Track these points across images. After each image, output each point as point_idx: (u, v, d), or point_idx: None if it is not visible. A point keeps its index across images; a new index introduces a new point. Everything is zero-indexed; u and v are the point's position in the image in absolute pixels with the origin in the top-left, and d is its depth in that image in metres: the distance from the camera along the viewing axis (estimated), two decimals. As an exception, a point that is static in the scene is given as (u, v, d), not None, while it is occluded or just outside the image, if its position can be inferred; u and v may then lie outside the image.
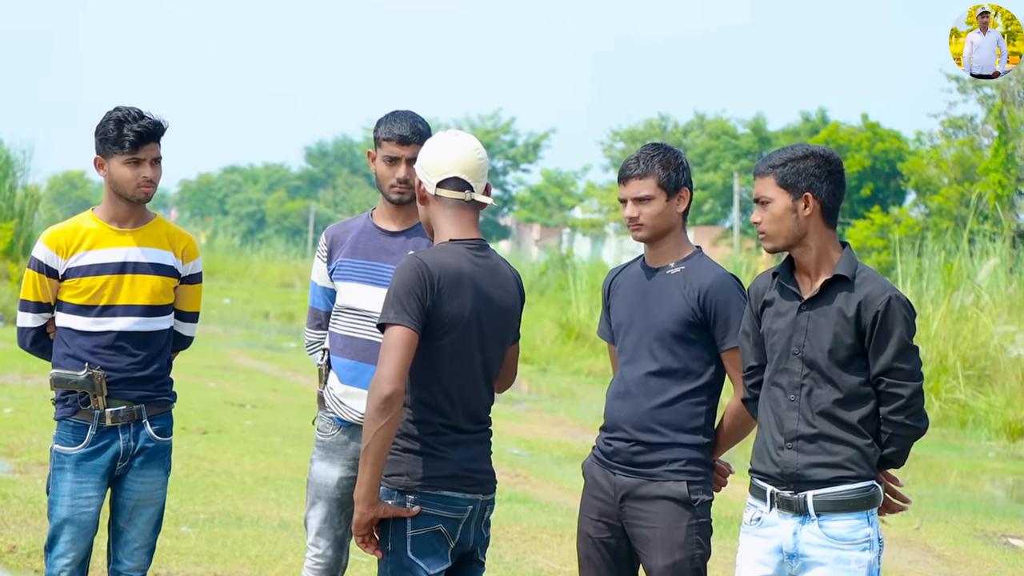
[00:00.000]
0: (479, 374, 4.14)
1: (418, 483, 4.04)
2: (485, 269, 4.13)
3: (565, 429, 14.54)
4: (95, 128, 5.02)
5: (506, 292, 4.19)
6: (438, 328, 4.02)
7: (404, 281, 4.00)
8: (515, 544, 8.23)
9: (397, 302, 3.98)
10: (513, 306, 4.23)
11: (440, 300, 4.01)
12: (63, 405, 5.04)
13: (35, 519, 7.96)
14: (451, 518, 4.07)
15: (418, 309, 3.97)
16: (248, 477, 9.92)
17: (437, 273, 4.01)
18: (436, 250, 4.10)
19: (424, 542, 4.05)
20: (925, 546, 9.10)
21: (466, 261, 4.09)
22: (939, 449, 14.14)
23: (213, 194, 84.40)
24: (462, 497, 4.09)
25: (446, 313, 4.02)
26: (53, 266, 5.02)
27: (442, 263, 4.04)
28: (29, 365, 15.24)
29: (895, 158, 36.83)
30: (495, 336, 4.16)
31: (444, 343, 4.04)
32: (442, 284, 4.01)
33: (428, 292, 3.99)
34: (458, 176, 4.14)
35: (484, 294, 4.11)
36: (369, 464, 3.95)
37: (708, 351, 4.53)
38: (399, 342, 3.94)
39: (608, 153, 54.02)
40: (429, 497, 4.04)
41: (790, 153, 4.22)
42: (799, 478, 4.15)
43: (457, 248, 4.11)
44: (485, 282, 4.12)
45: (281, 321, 31.59)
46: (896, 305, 4.08)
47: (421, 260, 4.03)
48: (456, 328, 4.04)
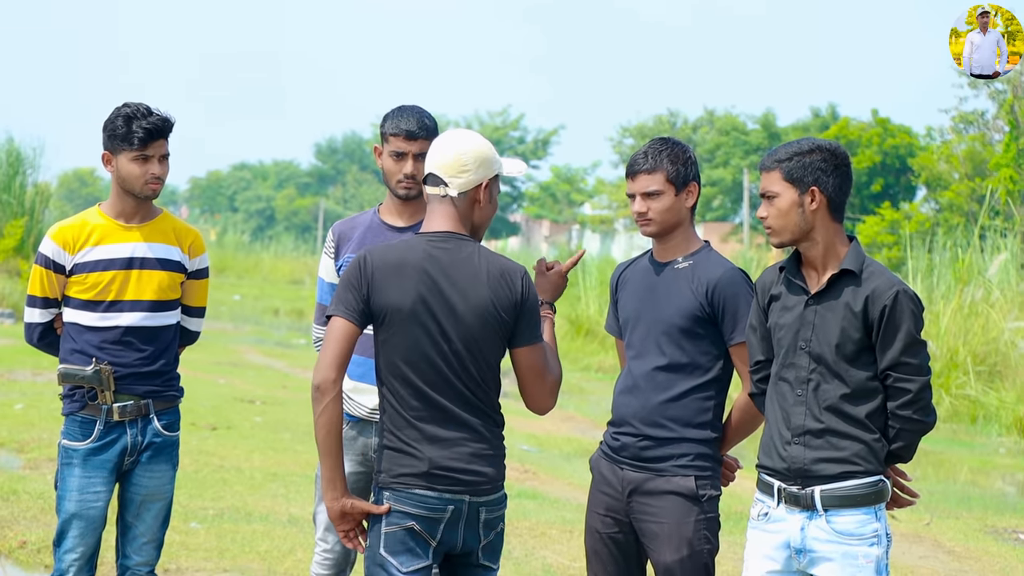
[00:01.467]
0: (451, 371, 4.04)
1: (392, 480, 4.04)
2: (443, 261, 4.07)
3: (574, 425, 14.54)
4: (103, 124, 5.03)
5: (474, 286, 4.05)
6: (380, 317, 4.05)
7: (345, 274, 4.11)
8: (524, 540, 8.23)
9: (337, 294, 4.09)
10: (483, 301, 4.05)
11: (374, 289, 4.04)
12: (70, 400, 5.05)
13: (45, 515, 7.98)
14: (427, 517, 4.02)
15: (353, 299, 4.04)
16: (257, 473, 9.93)
17: (374, 263, 4.06)
18: (389, 243, 4.17)
19: (396, 540, 4.02)
20: (935, 542, 9.08)
21: (417, 252, 4.07)
22: (950, 445, 14.11)
23: (223, 191, 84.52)
24: (437, 496, 4.02)
25: (384, 302, 4.04)
26: (60, 262, 5.03)
27: (383, 254, 4.09)
28: (39, 361, 15.26)
29: (905, 154, 36.75)
30: (463, 331, 4.03)
31: (393, 334, 4.04)
32: (376, 274, 4.05)
33: (363, 282, 4.05)
34: (433, 172, 4.16)
35: (435, 284, 4.04)
36: (321, 455, 4.03)
37: (716, 346, 4.52)
38: (332, 332, 4.04)
39: (617, 149, 54.01)
40: (401, 494, 4.03)
41: (796, 147, 4.21)
42: (806, 473, 4.14)
43: (415, 240, 4.12)
44: (437, 272, 4.05)
45: (291, 318, 31.61)
46: (904, 299, 4.07)
47: (364, 253, 4.11)
48: (398, 317, 4.03)
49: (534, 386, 4.17)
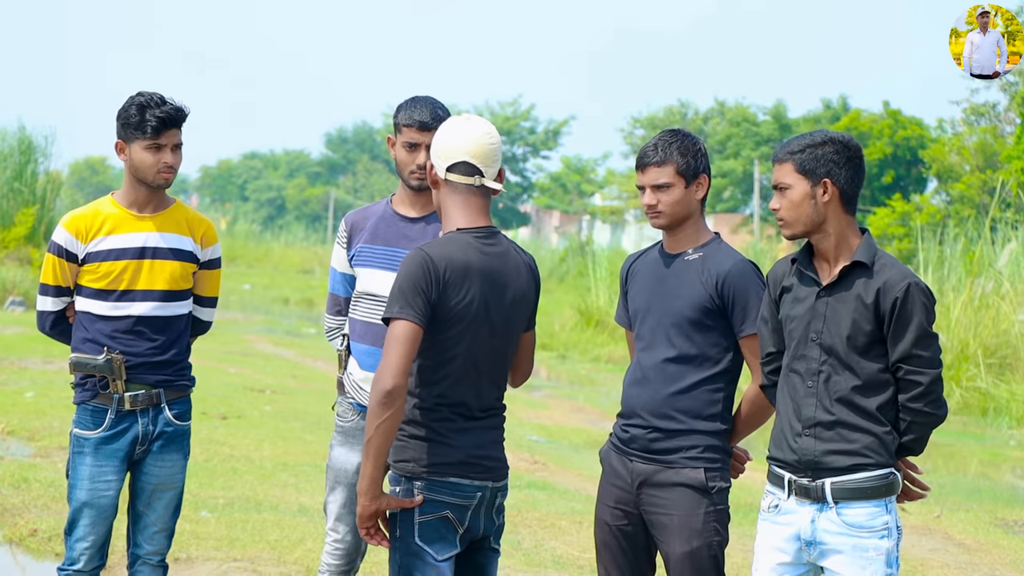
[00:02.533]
0: (490, 362, 4.12)
1: (425, 469, 4.04)
2: (493, 257, 4.11)
3: (584, 416, 14.54)
4: (117, 112, 5.03)
5: (517, 280, 4.16)
6: (445, 320, 4.02)
7: (409, 275, 3.99)
8: (534, 531, 8.24)
9: (402, 296, 3.97)
10: (524, 294, 4.19)
11: (446, 293, 4.00)
12: (82, 389, 5.06)
13: (56, 503, 8.00)
14: (459, 504, 4.07)
15: (423, 304, 3.97)
16: (268, 462, 9.95)
17: (443, 266, 4.00)
18: (442, 241, 4.08)
19: (431, 528, 4.05)
20: (945, 534, 9.08)
21: (473, 251, 4.07)
22: (960, 437, 14.10)
23: (233, 180, 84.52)
24: (469, 484, 4.08)
25: (453, 306, 4.01)
26: (73, 250, 5.04)
27: (448, 255, 4.02)
28: (50, 350, 15.29)
29: (916, 145, 36.67)
30: (506, 325, 4.14)
31: (452, 334, 4.04)
32: (448, 277, 4.00)
33: (433, 286, 3.98)
34: (467, 160, 4.12)
35: (492, 283, 4.09)
36: (371, 457, 3.95)
37: (726, 337, 4.52)
38: (402, 336, 3.94)
39: (628, 140, 53.92)
40: (436, 484, 4.05)
41: (808, 139, 4.21)
42: (817, 465, 4.14)
43: (464, 238, 4.09)
44: (494, 271, 4.09)
45: (301, 307, 31.64)
46: (915, 292, 4.06)
47: (426, 253, 4.02)
48: (463, 319, 4.03)
49: (529, 362, 4.36)
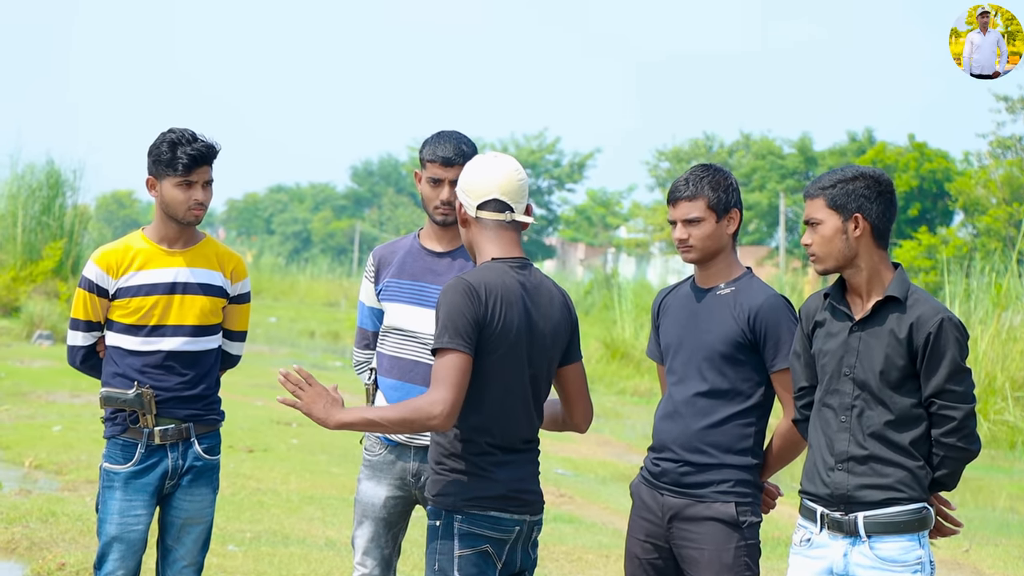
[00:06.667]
0: (526, 393, 4.11)
1: (465, 503, 4.04)
2: (529, 287, 4.12)
3: (610, 449, 14.51)
4: (148, 148, 5.05)
5: (551, 310, 4.16)
6: (486, 346, 4.01)
7: (455, 304, 3.98)
8: (561, 565, 8.21)
9: (452, 325, 3.96)
10: (558, 324, 4.18)
11: (491, 319, 4.00)
12: (112, 423, 5.07)
13: (84, 537, 8.01)
14: (498, 539, 4.06)
15: (472, 332, 3.96)
16: (294, 496, 9.94)
17: (484, 292, 4.00)
18: (480, 270, 4.10)
19: (470, 563, 4.04)
20: (974, 569, 9.01)
21: (510, 279, 4.08)
22: (988, 471, 14.01)
23: (259, 213, 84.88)
24: (509, 518, 4.07)
25: (495, 332, 4.01)
26: (103, 285, 5.06)
27: (488, 281, 4.03)
28: (78, 383, 15.34)
29: (943, 178, 36.60)
30: (542, 355, 4.14)
31: (491, 361, 4.03)
32: (491, 303, 4.01)
33: (480, 313, 3.99)
34: (498, 198, 4.14)
35: (529, 312, 4.09)
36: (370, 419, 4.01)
37: (758, 372, 4.51)
38: (455, 368, 3.93)
39: (653, 173, 53.96)
40: (476, 517, 4.04)
41: (840, 175, 4.20)
42: (850, 499, 4.12)
43: (500, 267, 4.10)
44: (529, 300, 4.10)
45: (326, 340, 31.70)
46: (948, 327, 4.05)
47: (467, 281, 4.02)
48: (503, 346, 4.03)
49: (584, 398, 4.32)
